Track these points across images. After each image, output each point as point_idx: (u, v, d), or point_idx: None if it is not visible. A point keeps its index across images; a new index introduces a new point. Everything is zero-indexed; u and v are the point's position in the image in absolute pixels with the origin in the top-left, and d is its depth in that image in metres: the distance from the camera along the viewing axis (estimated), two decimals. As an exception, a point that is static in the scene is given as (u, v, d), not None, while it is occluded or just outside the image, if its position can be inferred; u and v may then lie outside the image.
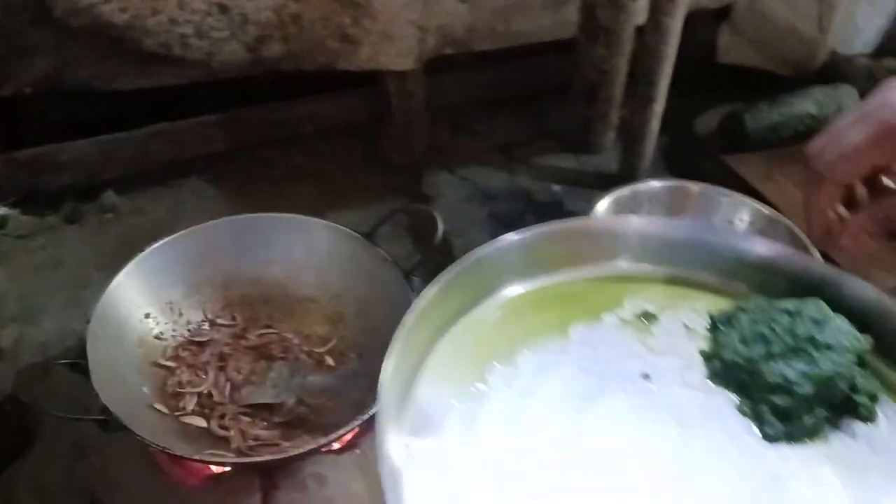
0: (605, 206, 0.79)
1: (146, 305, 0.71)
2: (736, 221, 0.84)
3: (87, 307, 0.67)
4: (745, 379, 0.43)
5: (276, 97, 1.02)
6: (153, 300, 0.72)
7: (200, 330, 0.74)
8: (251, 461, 0.63)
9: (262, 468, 0.64)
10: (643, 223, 0.51)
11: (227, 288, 0.76)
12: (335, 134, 1.05)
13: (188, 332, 0.74)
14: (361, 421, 0.60)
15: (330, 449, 0.64)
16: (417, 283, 0.71)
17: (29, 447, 0.67)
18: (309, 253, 0.76)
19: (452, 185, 1.02)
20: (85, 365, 0.61)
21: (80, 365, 0.61)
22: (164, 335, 0.72)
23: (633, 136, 1.01)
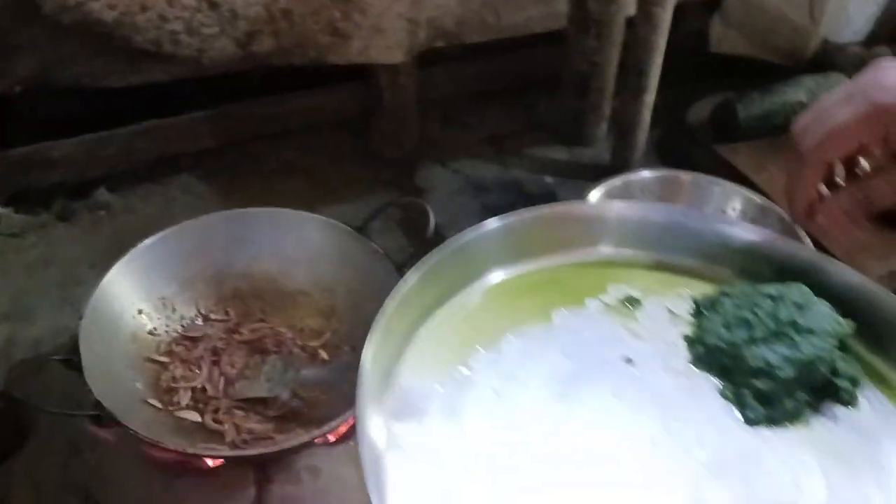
0: (596, 196, 0.79)
1: (139, 301, 0.71)
2: (728, 210, 0.84)
3: (79, 304, 0.67)
4: (727, 363, 0.43)
5: (266, 92, 1.01)
6: (146, 296, 0.72)
7: (194, 325, 0.74)
8: (245, 454, 0.63)
9: (256, 461, 0.64)
10: (626, 208, 0.51)
11: (219, 283, 0.76)
12: (326, 128, 1.05)
13: (181, 327, 0.74)
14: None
15: (324, 441, 0.64)
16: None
17: (23, 444, 0.67)
18: (301, 247, 0.76)
19: (444, 177, 1.02)
20: (78, 361, 0.61)
21: (72, 361, 0.61)
22: (157, 331, 0.72)
23: (624, 127, 1.01)
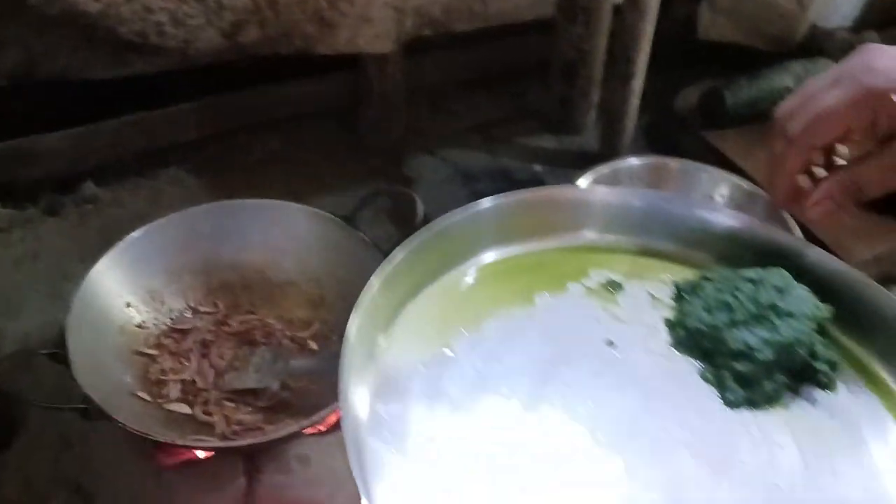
0: (585, 184, 0.79)
1: (127, 294, 0.71)
2: (715, 196, 0.85)
3: (68, 298, 0.66)
4: (708, 346, 0.43)
5: (254, 83, 1.01)
6: (133, 289, 0.72)
7: (182, 317, 0.74)
8: (235, 445, 0.63)
9: (246, 452, 0.64)
10: (610, 193, 0.51)
11: (207, 275, 0.76)
12: (314, 118, 1.04)
13: (170, 319, 0.74)
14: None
15: (314, 431, 0.65)
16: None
17: (14, 438, 0.66)
18: (288, 237, 0.76)
19: (433, 166, 1.02)
20: (66, 355, 0.61)
21: (60, 355, 0.61)
22: (145, 324, 0.72)
23: (612, 114, 1.02)
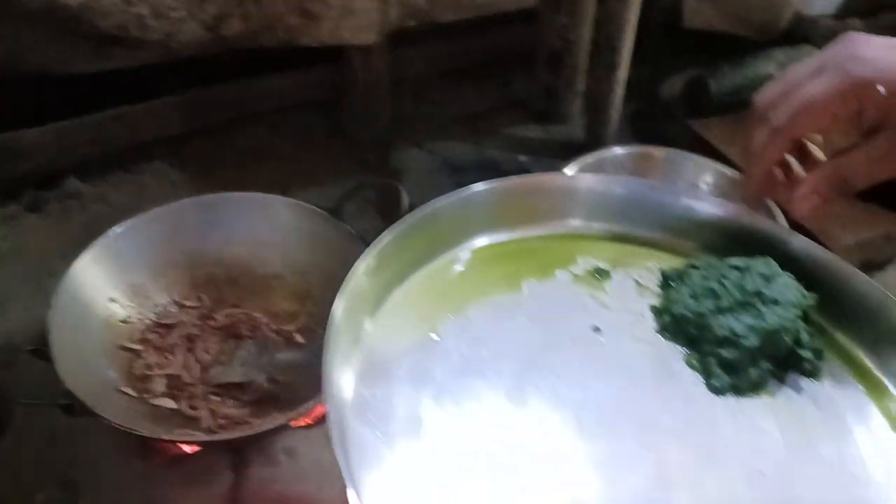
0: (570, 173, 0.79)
1: (110, 289, 0.71)
2: (700, 184, 0.85)
3: (51, 295, 0.65)
4: (693, 333, 0.43)
5: (238, 76, 1.00)
6: (117, 284, 0.71)
7: (167, 312, 0.74)
8: (220, 438, 0.63)
9: (232, 445, 0.64)
10: (596, 181, 0.51)
11: (192, 269, 0.76)
12: (299, 111, 1.04)
13: (155, 314, 0.73)
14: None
15: (301, 424, 0.64)
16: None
17: (1, 435, 0.66)
18: (272, 231, 0.76)
19: (419, 157, 1.01)
20: (48, 351, 0.60)
21: (43, 351, 0.61)
22: (130, 319, 0.71)
23: (598, 103, 1.01)
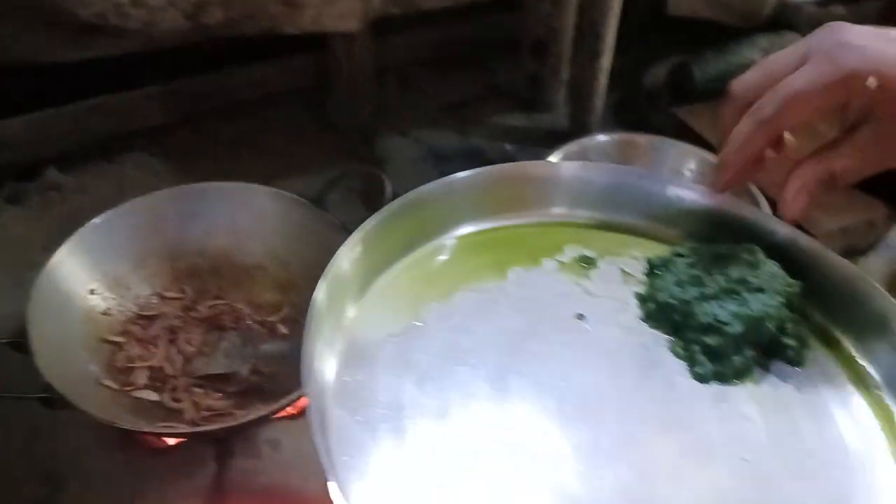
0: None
1: (90, 281, 0.70)
2: (684, 171, 0.85)
3: (31, 287, 0.65)
4: (678, 320, 0.43)
5: (220, 66, 0.99)
6: (97, 275, 0.70)
7: (149, 304, 0.73)
8: (203, 430, 0.62)
9: (215, 437, 0.63)
10: (581, 169, 0.51)
11: (173, 260, 0.75)
12: (282, 100, 1.03)
13: (136, 306, 0.72)
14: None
15: (285, 415, 0.64)
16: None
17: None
18: (255, 221, 0.75)
19: (403, 146, 1.01)
20: (27, 343, 0.60)
21: (22, 344, 0.60)
22: (111, 311, 0.71)
23: (582, 91, 1.01)
